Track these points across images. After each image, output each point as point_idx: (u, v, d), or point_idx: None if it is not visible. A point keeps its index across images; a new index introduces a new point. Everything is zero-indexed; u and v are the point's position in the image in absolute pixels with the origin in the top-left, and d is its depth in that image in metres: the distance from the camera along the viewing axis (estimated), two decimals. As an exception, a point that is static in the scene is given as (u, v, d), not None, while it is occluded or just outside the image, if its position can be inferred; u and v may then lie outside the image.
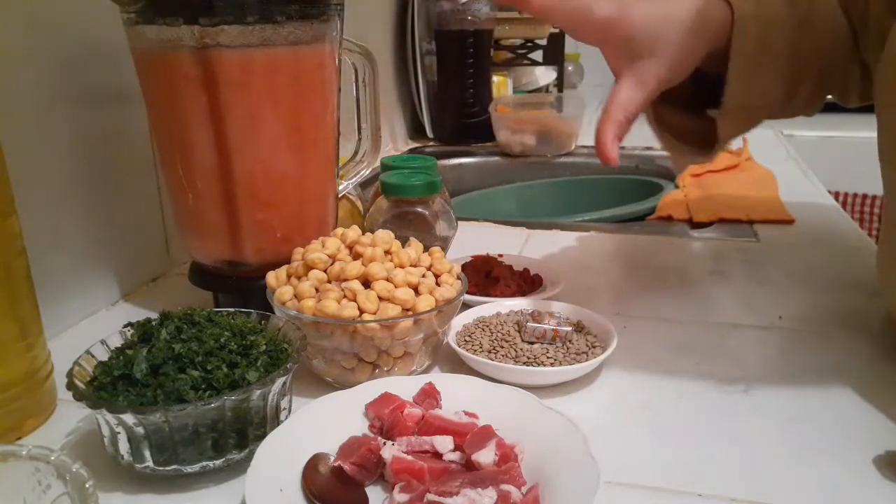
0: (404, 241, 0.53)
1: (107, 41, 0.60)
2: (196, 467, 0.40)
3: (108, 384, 0.39)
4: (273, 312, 0.48)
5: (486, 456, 0.38)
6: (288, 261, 0.52)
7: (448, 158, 1.31)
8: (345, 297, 0.47)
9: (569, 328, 0.52)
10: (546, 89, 1.71)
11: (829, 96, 0.62)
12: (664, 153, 1.31)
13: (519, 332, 0.52)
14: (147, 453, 0.39)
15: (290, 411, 0.44)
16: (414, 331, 0.48)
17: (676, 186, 1.05)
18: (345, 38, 0.61)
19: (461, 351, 0.50)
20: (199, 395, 0.39)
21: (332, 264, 0.50)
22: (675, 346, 0.55)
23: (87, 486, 0.31)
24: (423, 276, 0.50)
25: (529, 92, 1.65)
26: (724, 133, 0.57)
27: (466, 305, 0.58)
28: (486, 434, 0.40)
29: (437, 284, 0.50)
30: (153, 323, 0.44)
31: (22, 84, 0.54)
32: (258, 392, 0.40)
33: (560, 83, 1.68)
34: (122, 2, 0.51)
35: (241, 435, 0.40)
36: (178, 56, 0.51)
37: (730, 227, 0.85)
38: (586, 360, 0.49)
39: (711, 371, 0.51)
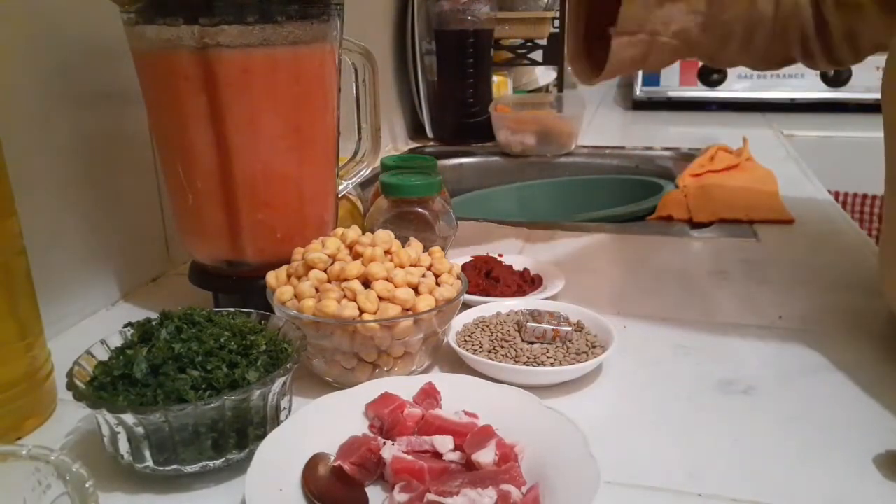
0: (404, 241, 0.53)
1: (107, 41, 0.60)
2: (196, 467, 0.40)
3: (108, 384, 0.39)
4: (273, 312, 0.48)
5: (486, 456, 0.38)
6: (288, 261, 0.52)
7: (448, 158, 1.31)
8: (345, 297, 0.47)
9: (569, 328, 0.52)
10: (546, 89, 1.71)
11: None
12: (664, 153, 1.32)
13: (519, 332, 0.52)
14: (147, 453, 0.39)
15: (290, 411, 0.44)
16: (414, 331, 0.48)
17: (676, 186, 1.05)
18: (345, 38, 0.61)
19: (461, 351, 0.50)
20: (199, 395, 0.39)
21: (332, 264, 0.50)
22: (675, 346, 0.55)
23: (87, 485, 0.31)
24: (423, 276, 0.50)
25: (529, 92, 1.65)
26: (616, 52, 0.60)
27: (466, 305, 0.58)
28: (486, 434, 0.40)
29: (437, 284, 0.50)
30: (153, 323, 0.44)
31: (22, 84, 0.54)
32: (258, 392, 0.40)
33: (560, 83, 1.67)
34: (122, 2, 0.51)
35: (241, 435, 0.40)
36: (178, 56, 0.51)
37: (730, 227, 0.85)
38: (586, 360, 0.49)
39: (711, 371, 0.51)
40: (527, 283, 0.64)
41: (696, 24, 0.61)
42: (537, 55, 1.58)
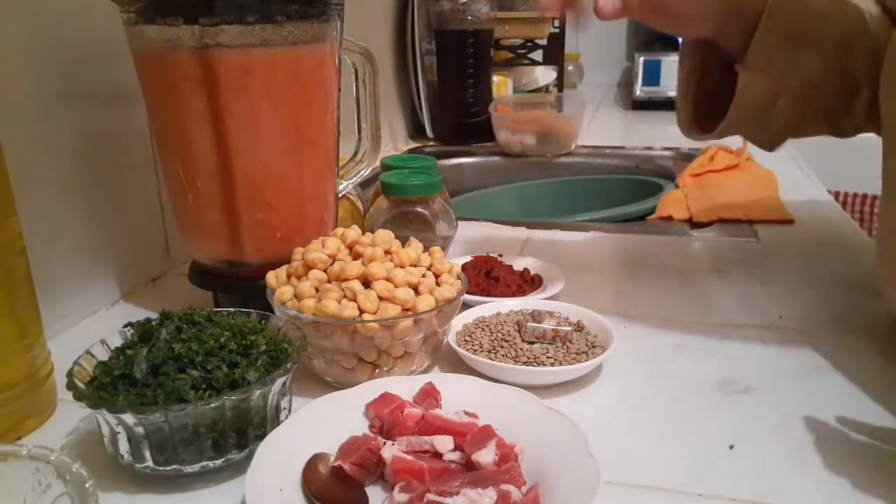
0: (404, 241, 0.53)
1: (107, 41, 0.60)
2: (196, 467, 0.40)
3: (108, 384, 0.39)
4: (273, 312, 0.48)
5: (486, 456, 0.38)
6: (288, 261, 0.52)
7: (448, 158, 1.31)
8: (345, 296, 0.47)
9: (569, 328, 0.52)
10: (546, 89, 1.71)
11: None
12: (664, 153, 1.32)
13: (519, 332, 0.52)
14: (147, 453, 0.39)
15: (290, 411, 0.44)
16: (414, 331, 0.48)
17: (676, 186, 1.05)
18: (345, 38, 0.61)
19: (461, 351, 0.50)
20: (199, 395, 0.39)
21: (332, 264, 0.50)
22: (675, 346, 0.55)
23: (87, 485, 0.31)
24: (423, 275, 0.50)
25: (529, 92, 1.65)
26: (744, 89, 0.57)
27: (466, 305, 0.58)
28: (486, 434, 0.40)
29: (437, 284, 0.50)
30: (153, 323, 0.44)
31: (22, 84, 0.54)
32: (258, 392, 0.40)
33: (560, 83, 1.68)
34: (122, 1, 0.51)
35: (241, 435, 0.40)
36: (178, 56, 0.51)
37: (730, 227, 0.85)
38: (586, 360, 0.49)
39: (711, 371, 0.51)
40: (527, 283, 0.64)
41: (825, 71, 0.57)
42: (537, 55, 1.58)
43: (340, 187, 0.68)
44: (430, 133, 1.40)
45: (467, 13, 1.28)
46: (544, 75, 1.70)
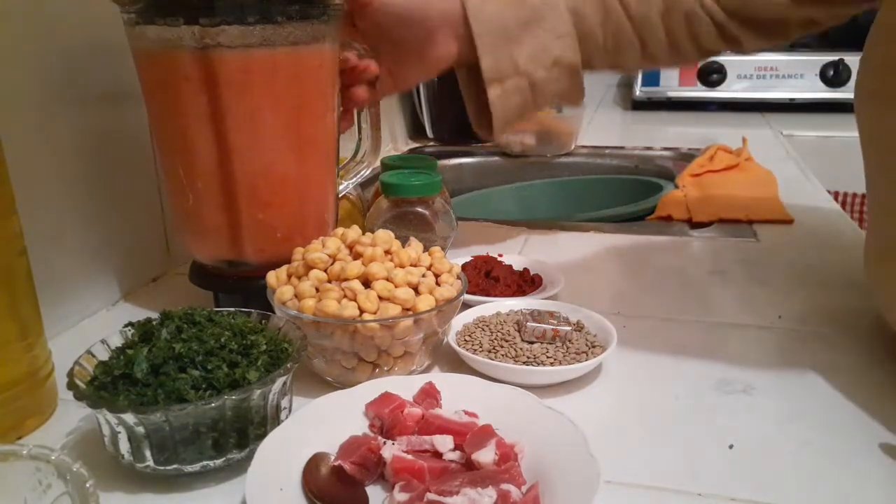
0: (404, 241, 0.53)
1: (107, 41, 0.60)
2: (196, 467, 0.40)
3: (108, 384, 0.39)
4: (273, 312, 0.48)
5: (486, 455, 0.38)
6: (288, 260, 0.52)
7: (448, 158, 1.31)
8: (345, 296, 0.47)
9: (569, 328, 0.52)
10: (546, 89, 1.71)
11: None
12: (664, 153, 1.32)
13: (519, 331, 0.53)
14: (147, 453, 0.39)
15: (290, 411, 0.45)
16: (414, 330, 0.48)
17: (676, 186, 1.05)
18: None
19: (461, 351, 0.50)
20: (199, 395, 0.39)
21: (332, 264, 0.50)
22: (675, 346, 0.55)
23: (87, 485, 0.31)
24: (423, 275, 0.50)
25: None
26: (497, 103, 0.59)
27: (466, 305, 0.58)
28: (486, 433, 0.40)
29: (437, 284, 0.50)
30: (154, 322, 0.44)
31: (22, 84, 0.54)
32: (258, 391, 0.40)
33: (560, 83, 1.67)
34: (123, 2, 0.52)
35: (241, 434, 0.40)
36: (179, 56, 0.51)
37: (729, 227, 0.85)
38: (586, 360, 0.49)
39: (711, 371, 0.52)
40: (527, 283, 0.64)
41: (570, 46, 0.59)
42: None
43: (340, 187, 0.68)
44: (430, 133, 1.40)
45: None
46: (544, 75, 1.70)
